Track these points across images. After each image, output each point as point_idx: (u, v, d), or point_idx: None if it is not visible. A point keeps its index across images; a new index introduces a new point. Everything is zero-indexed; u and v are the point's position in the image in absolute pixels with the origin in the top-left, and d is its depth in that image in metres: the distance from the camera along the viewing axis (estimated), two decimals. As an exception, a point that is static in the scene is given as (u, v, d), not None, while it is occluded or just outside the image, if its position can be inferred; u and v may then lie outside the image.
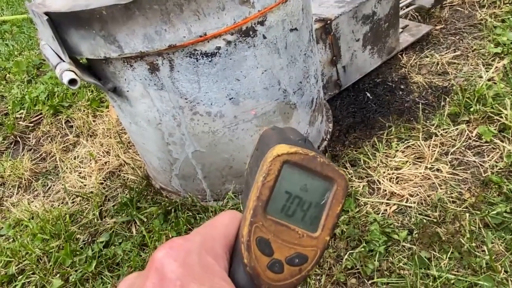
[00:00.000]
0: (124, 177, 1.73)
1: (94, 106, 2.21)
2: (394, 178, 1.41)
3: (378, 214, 1.31)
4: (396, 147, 1.51)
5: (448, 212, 1.25)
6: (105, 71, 1.17)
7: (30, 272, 1.43)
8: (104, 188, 1.72)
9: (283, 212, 0.31)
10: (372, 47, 1.83)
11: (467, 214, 1.22)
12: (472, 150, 1.44)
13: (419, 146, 1.49)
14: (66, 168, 1.89)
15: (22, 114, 2.34)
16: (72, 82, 1.05)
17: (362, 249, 1.21)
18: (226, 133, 1.26)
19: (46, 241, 1.52)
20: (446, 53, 1.91)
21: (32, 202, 1.77)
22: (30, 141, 2.16)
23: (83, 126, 2.09)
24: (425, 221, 1.25)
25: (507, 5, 2.05)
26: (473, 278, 1.07)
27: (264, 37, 1.13)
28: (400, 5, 1.93)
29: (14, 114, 2.34)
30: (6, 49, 3.20)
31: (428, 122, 1.58)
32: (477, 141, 1.46)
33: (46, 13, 1.03)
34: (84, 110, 2.21)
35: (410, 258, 1.16)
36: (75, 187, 1.76)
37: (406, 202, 1.32)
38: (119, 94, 1.22)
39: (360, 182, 1.43)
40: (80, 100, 2.30)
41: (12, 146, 2.18)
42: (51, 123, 2.21)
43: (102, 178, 1.76)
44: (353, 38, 1.72)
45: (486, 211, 1.21)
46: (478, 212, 1.23)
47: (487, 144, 1.44)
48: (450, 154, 1.44)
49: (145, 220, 1.48)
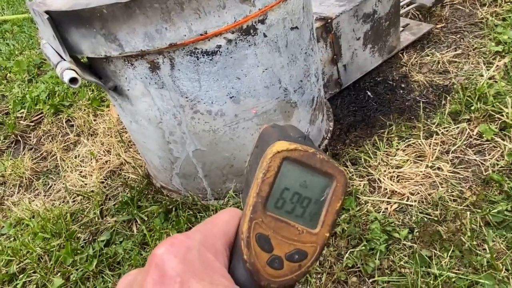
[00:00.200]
0: (124, 176, 1.73)
1: (95, 105, 2.21)
2: (395, 176, 1.41)
3: (379, 212, 1.31)
4: (396, 146, 1.51)
5: (449, 210, 1.25)
6: (105, 70, 1.17)
7: (31, 271, 1.43)
8: (105, 187, 1.72)
9: (283, 208, 0.31)
10: (372, 46, 1.82)
11: (468, 213, 1.22)
12: (473, 149, 1.44)
13: (420, 145, 1.49)
14: (67, 167, 1.89)
15: (23, 114, 2.34)
16: (72, 80, 1.05)
17: (363, 247, 1.21)
18: (226, 131, 1.26)
19: (47, 240, 1.52)
20: (447, 51, 1.91)
21: (33, 201, 1.77)
22: (31, 140, 2.17)
23: (84, 125, 2.09)
24: (426, 219, 1.25)
25: (508, 3, 2.04)
26: (474, 277, 1.07)
27: (264, 35, 1.13)
28: (400, 3, 1.93)
29: (15, 114, 2.34)
30: (7, 48, 3.20)
31: (429, 120, 1.58)
32: (478, 139, 1.46)
33: (47, 11, 1.03)
34: (84, 109, 2.21)
35: (411, 256, 1.16)
36: (76, 186, 1.77)
37: (407, 201, 1.32)
38: (120, 93, 1.22)
39: (361, 181, 1.43)
40: (81, 99, 2.30)
41: (13, 145, 2.18)
42: (52, 122, 2.21)
43: (103, 177, 1.76)
44: (353, 37, 1.72)
45: (487, 210, 1.21)
46: (479, 210, 1.22)
47: (488, 142, 1.44)
48: (451, 152, 1.44)
49: (145, 219, 1.48)
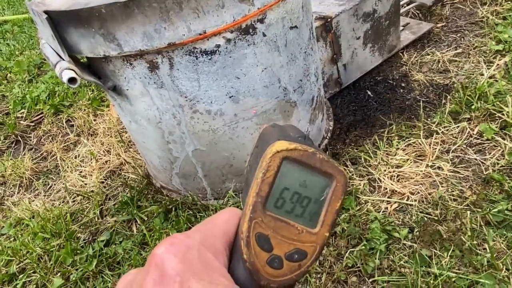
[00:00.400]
0: (124, 176, 1.73)
1: (95, 105, 2.21)
2: (395, 176, 1.41)
3: (379, 212, 1.30)
4: (397, 145, 1.50)
5: (449, 210, 1.24)
6: (104, 70, 1.17)
7: (31, 271, 1.43)
8: (104, 187, 1.72)
9: (283, 208, 0.31)
10: (372, 45, 1.82)
11: (468, 212, 1.22)
12: (473, 148, 1.44)
13: (420, 144, 1.48)
14: (67, 167, 1.89)
15: (23, 114, 2.34)
16: (71, 80, 1.05)
17: (363, 247, 1.20)
18: (226, 131, 1.26)
19: (47, 240, 1.52)
20: (447, 50, 1.90)
21: (33, 201, 1.77)
22: (31, 140, 2.17)
23: (84, 125, 2.09)
24: (426, 219, 1.25)
25: (509, 2, 2.04)
26: (474, 276, 1.07)
27: (264, 34, 1.13)
28: (401, 2, 1.93)
29: (15, 114, 2.34)
30: (7, 48, 3.20)
31: (429, 120, 1.58)
32: (478, 138, 1.46)
33: (46, 11, 1.03)
34: (84, 109, 2.21)
35: (411, 256, 1.16)
36: (76, 186, 1.77)
37: (407, 200, 1.32)
38: (119, 92, 1.22)
39: (361, 180, 1.42)
40: (80, 99, 2.30)
41: (13, 145, 2.18)
42: (52, 123, 2.21)
43: (103, 177, 1.76)
44: (353, 36, 1.72)
45: (487, 209, 1.21)
46: (479, 210, 1.22)
47: (488, 141, 1.43)
48: (451, 152, 1.44)
49: (145, 218, 1.48)
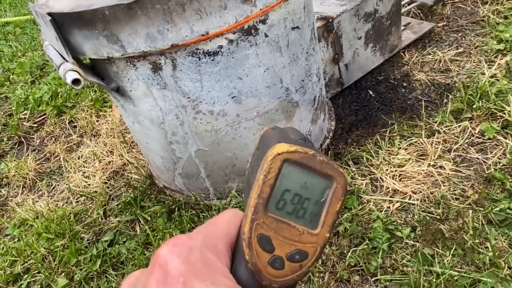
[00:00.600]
0: (127, 176, 1.74)
1: (98, 106, 2.22)
2: (397, 175, 1.41)
3: (381, 211, 1.31)
4: (398, 145, 1.51)
5: (451, 209, 1.25)
6: (108, 71, 1.18)
7: (35, 271, 1.44)
8: (108, 187, 1.72)
9: (284, 209, 0.32)
10: (374, 45, 1.82)
11: (470, 211, 1.22)
12: (475, 147, 1.44)
13: (422, 144, 1.49)
14: (70, 168, 1.90)
15: (26, 115, 2.35)
16: (75, 82, 1.06)
17: (365, 246, 1.21)
18: (228, 131, 1.26)
19: (51, 240, 1.53)
20: (448, 50, 1.90)
21: (36, 202, 1.78)
22: (34, 141, 2.18)
23: (87, 126, 2.10)
24: (428, 218, 1.25)
25: (510, 1, 2.04)
26: (476, 275, 1.07)
27: (266, 35, 1.13)
28: (402, 2, 1.93)
29: (18, 115, 2.35)
30: (10, 50, 3.21)
31: (430, 119, 1.58)
32: (480, 138, 1.46)
33: (49, 13, 1.04)
34: (87, 110, 2.21)
35: (413, 255, 1.17)
36: (79, 187, 1.78)
37: (409, 200, 1.32)
38: (122, 93, 1.23)
39: (363, 180, 1.43)
40: (83, 100, 2.31)
41: (16, 146, 2.19)
42: (55, 124, 2.22)
43: (106, 177, 1.77)
44: (355, 36, 1.72)
45: (489, 208, 1.21)
46: (481, 208, 1.22)
47: (490, 140, 1.44)
48: (453, 151, 1.44)
49: (149, 219, 1.49)
